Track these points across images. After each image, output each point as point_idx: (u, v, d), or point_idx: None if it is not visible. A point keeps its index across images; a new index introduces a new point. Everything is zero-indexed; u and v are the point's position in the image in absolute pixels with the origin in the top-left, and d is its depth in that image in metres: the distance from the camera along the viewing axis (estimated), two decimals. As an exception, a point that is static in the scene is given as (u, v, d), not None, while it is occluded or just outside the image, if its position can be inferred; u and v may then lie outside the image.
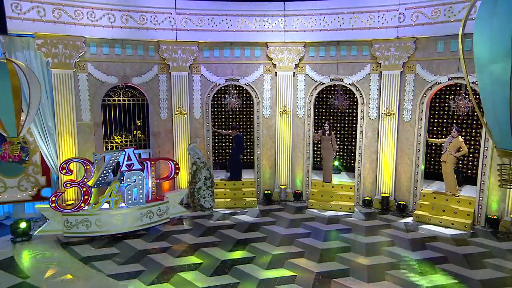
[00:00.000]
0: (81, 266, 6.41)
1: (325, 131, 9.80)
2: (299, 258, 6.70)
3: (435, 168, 10.19)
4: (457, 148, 8.44)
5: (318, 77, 9.70)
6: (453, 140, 8.46)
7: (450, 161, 8.53)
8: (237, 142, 10.19)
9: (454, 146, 8.44)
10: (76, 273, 6.15)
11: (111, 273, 6.16)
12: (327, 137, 9.78)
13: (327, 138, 9.78)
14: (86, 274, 6.13)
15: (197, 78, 9.73)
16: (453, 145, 8.45)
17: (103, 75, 8.96)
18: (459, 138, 8.49)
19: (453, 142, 8.46)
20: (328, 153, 9.84)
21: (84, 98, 8.83)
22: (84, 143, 8.92)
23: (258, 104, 10.05)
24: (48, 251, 7.01)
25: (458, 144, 8.42)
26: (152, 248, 7.16)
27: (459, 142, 8.43)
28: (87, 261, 6.61)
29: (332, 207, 9.46)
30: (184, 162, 9.72)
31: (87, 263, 6.49)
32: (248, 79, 9.86)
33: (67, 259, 6.70)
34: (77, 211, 7.43)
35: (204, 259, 6.68)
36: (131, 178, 7.75)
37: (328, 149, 9.80)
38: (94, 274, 6.12)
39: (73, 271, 6.20)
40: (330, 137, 9.76)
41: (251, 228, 8.21)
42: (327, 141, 9.81)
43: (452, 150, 8.45)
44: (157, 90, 9.56)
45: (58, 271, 6.22)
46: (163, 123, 9.71)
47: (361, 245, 7.32)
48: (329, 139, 9.78)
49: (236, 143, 10.20)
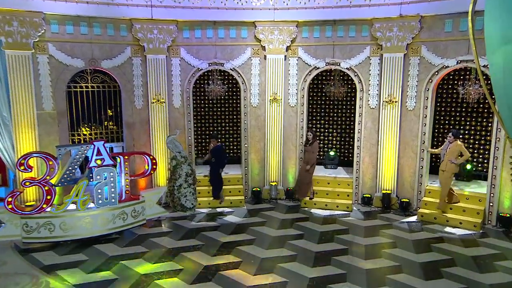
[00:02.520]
0: (43, 276, 6.31)
1: (308, 141, 9.25)
2: (291, 262, 6.73)
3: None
4: (456, 154, 8.18)
5: (312, 61, 9.67)
6: (451, 145, 8.23)
7: (449, 170, 8.25)
8: (216, 155, 9.36)
9: (453, 152, 8.19)
10: (38, 284, 6.06)
11: (78, 283, 6.08)
12: (309, 147, 9.16)
13: (309, 149, 9.15)
14: (48, 285, 6.04)
15: (176, 62, 9.63)
16: (452, 151, 8.20)
17: (67, 57, 8.76)
18: (458, 142, 8.25)
19: (451, 148, 8.21)
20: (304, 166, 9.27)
21: (45, 83, 8.63)
22: (46, 135, 8.76)
23: (245, 91, 10.02)
24: (4, 259, 6.88)
25: (458, 149, 8.17)
26: (126, 254, 7.10)
27: (458, 146, 8.18)
28: (50, 270, 6.51)
29: (328, 205, 9.49)
30: (162, 157, 9.66)
31: (50, 273, 6.40)
32: (234, 63, 9.80)
33: (27, 268, 6.59)
34: (38, 213, 7.28)
35: (184, 265, 6.66)
36: (101, 175, 7.66)
37: (308, 163, 9.20)
38: (58, 285, 6.04)
39: (34, 281, 6.11)
40: (312, 148, 9.13)
41: (237, 230, 8.24)
42: (309, 153, 9.17)
43: (451, 157, 8.18)
44: (130, 76, 9.43)
45: (16, 282, 6.11)
46: (138, 113, 9.61)
47: (360, 247, 7.36)
48: (311, 150, 9.12)
49: (216, 157, 9.38)
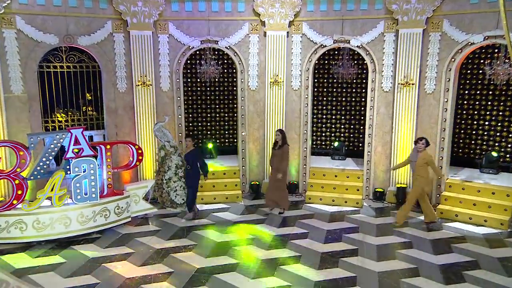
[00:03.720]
0: (15, 281, 6.17)
1: (276, 143, 8.57)
2: (294, 264, 6.71)
3: (464, 151, 10.21)
4: (425, 167, 7.94)
5: (319, 38, 9.56)
6: (420, 155, 7.98)
7: (419, 185, 8.05)
8: (192, 162, 8.43)
9: (421, 163, 7.95)
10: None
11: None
12: (277, 151, 8.48)
13: (278, 153, 8.46)
14: None
15: (164, 39, 9.55)
16: (420, 164, 7.96)
17: (38, 32, 8.61)
18: (428, 152, 8.00)
19: (420, 157, 7.96)
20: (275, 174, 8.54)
21: (13, 63, 8.48)
22: (15, 122, 8.64)
23: (242, 73, 9.96)
24: None
25: (426, 161, 7.90)
26: (109, 256, 7.04)
27: (427, 157, 7.90)
28: (23, 274, 6.42)
29: (336, 201, 9.50)
30: (149, 147, 9.63)
31: (22, 277, 6.30)
32: (229, 40, 9.71)
33: None
34: (7, 210, 7.20)
35: (175, 268, 6.63)
36: (80, 167, 7.59)
37: (279, 170, 8.49)
38: None
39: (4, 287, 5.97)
40: (282, 152, 8.44)
41: (234, 228, 8.23)
42: (277, 158, 8.45)
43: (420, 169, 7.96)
44: (111, 54, 9.32)
45: None
46: (121, 97, 9.55)
47: (371, 247, 7.33)
48: (280, 154, 8.44)
49: (192, 164, 8.44)
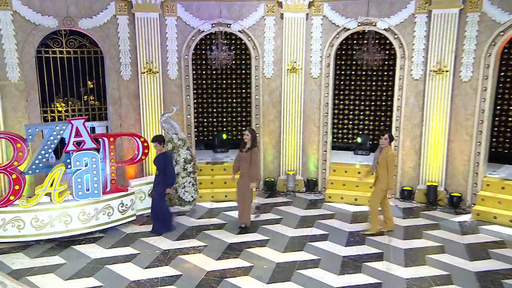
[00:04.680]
0: (10, 282, 6.23)
1: (245, 145, 7.88)
2: (313, 269, 6.64)
3: (505, 146, 10.06)
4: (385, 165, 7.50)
5: (341, 20, 9.45)
6: (382, 152, 7.59)
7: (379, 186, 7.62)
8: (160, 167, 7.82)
9: (382, 162, 7.55)
10: None
11: None
12: (245, 154, 7.81)
13: (246, 157, 7.78)
14: None
15: (171, 22, 9.54)
16: (381, 161, 7.56)
17: (36, 14, 8.68)
18: (392, 148, 7.64)
19: (382, 155, 7.57)
20: (245, 181, 7.85)
21: (10, 47, 8.58)
22: (11, 111, 8.76)
23: (257, 59, 9.92)
24: None
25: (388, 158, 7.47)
26: (112, 257, 7.05)
27: (389, 154, 7.48)
28: (20, 275, 6.45)
29: (358, 200, 9.42)
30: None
31: (20, 279, 6.34)
32: (243, 23, 9.67)
33: None
34: (3, 206, 7.25)
35: (183, 270, 6.61)
36: (81, 161, 7.59)
37: (244, 176, 7.83)
38: None
39: (0, 289, 6.09)
40: (251, 155, 7.75)
41: (247, 228, 8.17)
42: (245, 162, 7.79)
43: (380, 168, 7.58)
44: (115, 39, 9.35)
45: None
46: (125, 86, 9.58)
47: (398, 251, 7.22)
48: (247, 158, 7.76)
49: (160, 169, 7.84)
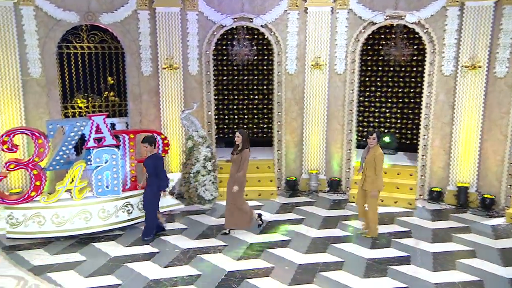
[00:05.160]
0: (31, 278, 6.38)
1: (237, 147, 7.67)
2: (336, 271, 6.58)
3: None
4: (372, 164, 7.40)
5: (368, 14, 9.36)
6: (369, 151, 7.46)
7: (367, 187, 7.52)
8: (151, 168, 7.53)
9: (369, 162, 7.42)
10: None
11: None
12: (236, 157, 7.63)
13: (236, 159, 7.61)
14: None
15: (193, 16, 9.57)
16: (369, 161, 7.42)
17: (57, 9, 8.82)
18: (378, 148, 7.42)
19: (369, 155, 7.44)
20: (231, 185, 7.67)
21: (32, 43, 8.74)
22: (33, 107, 8.92)
23: (279, 54, 9.91)
24: None
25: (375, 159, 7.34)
26: (132, 255, 7.12)
27: (376, 155, 7.33)
28: (41, 272, 6.57)
29: (384, 201, 9.28)
30: (175, 136, 9.71)
31: (40, 275, 6.46)
32: (265, 18, 9.67)
33: (12, 269, 6.67)
34: (25, 202, 7.38)
35: (203, 270, 6.63)
36: (101, 157, 7.68)
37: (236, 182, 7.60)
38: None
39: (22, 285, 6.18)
40: (242, 158, 7.54)
41: (268, 228, 8.19)
42: (236, 165, 7.60)
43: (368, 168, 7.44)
44: (135, 34, 9.44)
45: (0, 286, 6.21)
46: (145, 81, 9.68)
47: (427, 255, 7.10)
48: (237, 160, 7.58)
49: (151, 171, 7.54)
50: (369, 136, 7.43)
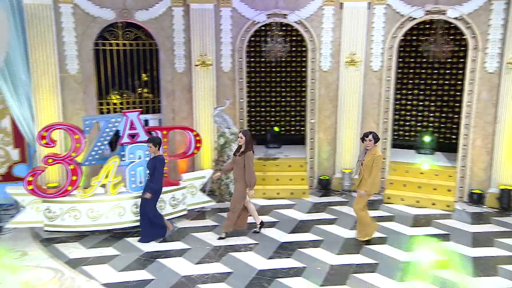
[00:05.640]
0: (67, 271, 6.54)
1: (239, 148, 7.48)
2: (370, 273, 6.50)
3: None
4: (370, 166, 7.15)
5: (407, 9, 9.17)
6: (367, 153, 7.22)
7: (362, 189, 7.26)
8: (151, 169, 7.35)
9: (368, 164, 7.17)
10: (62, 280, 6.28)
11: (108, 282, 6.24)
12: (239, 158, 7.41)
13: (239, 160, 7.40)
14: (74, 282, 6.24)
15: (226, 13, 9.59)
16: (367, 163, 7.18)
17: (94, 7, 8.96)
18: (378, 149, 7.23)
19: (367, 157, 7.20)
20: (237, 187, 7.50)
21: (70, 40, 8.90)
22: (70, 103, 9.09)
23: (313, 51, 9.82)
24: (24, 249, 7.22)
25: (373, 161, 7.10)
26: (164, 251, 7.21)
27: (376, 156, 7.08)
28: (76, 265, 6.72)
29: (420, 202, 9.18)
30: (207, 133, 9.73)
31: (75, 268, 6.62)
32: (300, 14, 9.59)
33: (49, 261, 6.85)
34: (61, 196, 7.52)
35: (234, 268, 6.66)
36: (135, 153, 7.77)
37: (237, 181, 7.48)
38: (84, 283, 6.23)
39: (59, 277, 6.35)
40: (245, 159, 7.37)
41: (300, 228, 8.16)
42: (238, 167, 7.40)
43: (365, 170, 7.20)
44: (170, 31, 9.50)
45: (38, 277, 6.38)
46: (179, 78, 9.75)
47: (466, 260, 6.93)
48: (241, 162, 7.38)
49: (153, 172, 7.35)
50: (365, 137, 7.20)
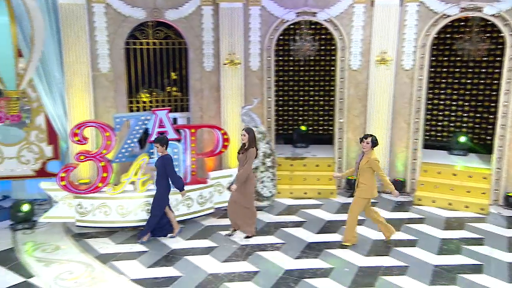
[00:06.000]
0: (98, 265, 6.70)
1: (243, 146, 7.49)
2: (399, 276, 6.41)
3: None
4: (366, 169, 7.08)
5: (441, 6, 8.99)
6: (364, 156, 7.13)
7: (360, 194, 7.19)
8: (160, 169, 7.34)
9: (362, 168, 7.11)
10: (93, 275, 6.43)
11: (137, 278, 6.32)
12: (241, 155, 7.47)
13: (241, 158, 7.45)
14: (104, 277, 6.37)
15: (255, 11, 9.58)
16: (362, 167, 7.11)
17: (126, 6, 9.06)
18: (374, 153, 7.10)
19: (363, 160, 7.12)
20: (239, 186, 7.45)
21: (102, 39, 9.05)
22: (101, 101, 9.26)
23: (343, 49, 9.74)
24: (56, 244, 7.41)
25: (369, 163, 7.03)
26: (191, 248, 7.28)
27: (371, 160, 7.02)
28: (106, 260, 6.86)
29: (453, 205, 9.01)
30: (235, 132, 9.70)
31: (105, 263, 6.76)
32: (330, 12, 9.52)
33: (80, 255, 7.02)
34: (92, 192, 7.67)
35: (261, 267, 6.67)
36: None
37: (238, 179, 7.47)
38: (114, 278, 6.35)
39: (89, 272, 6.50)
40: (247, 156, 7.38)
41: (327, 228, 8.13)
42: (241, 163, 7.46)
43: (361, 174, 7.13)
44: (199, 29, 9.55)
45: (70, 270, 6.55)
46: (207, 77, 9.81)
47: (501, 265, 6.77)
48: (244, 159, 7.41)
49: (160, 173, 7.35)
50: (363, 140, 7.13)
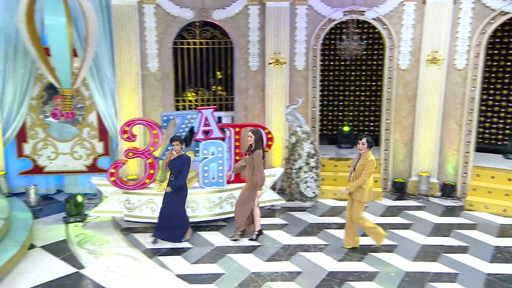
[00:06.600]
0: (144, 260, 6.87)
1: (250, 147, 7.43)
2: (449, 283, 6.24)
3: None
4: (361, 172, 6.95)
5: (498, 3, 8.74)
6: (361, 158, 7.00)
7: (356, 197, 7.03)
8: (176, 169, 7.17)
9: (358, 170, 6.98)
10: (139, 269, 6.59)
11: (181, 273, 6.44)
12: (247, 157, 7.44)
13: (248, 160, 7.42)
14: (150, 271, 6.53)
15: (302, 11, 9.62)
16: (358, 168, 6.99)
17: (175, 7, 9.25)
18: (370, 154, 6.94)
19: (360, 162, 6.99)
20: (246, 187, 7.49)
21: (151, 39, 9.28)
22: (149, 99, 9.50)
23: (391, 49, 9.63)
24: (106, 237, 7.67)
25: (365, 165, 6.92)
26: (234, 246, 7.35)
27: (368, 162, 6.89)
28: (152, 255, 7.02)
29: (508, 211, 8.73)
30: (279, 131, 9.80)
31: (151, 258, 6.92)
32: (378, 10, 9.44)
33: (128, 249, 7.22)
34: (140, 188, 7.89)
35: (303, 267, 6.67)
36: (208, 149, 7.95)
37: (248, 181, 7.47)
38: (159, 272, 6.49)
39: (136, 266, 6.67)
40: (254, 158, 7.31)
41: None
42: (249, 166, 7.41)
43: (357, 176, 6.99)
44: (245, 29, 9.66)
45: (117, 264, 6.75)
46: (252, 76, 9.90)
47: None
48: (250, 162, 7.36)
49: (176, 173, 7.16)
50: (359, 141, 7.03)
